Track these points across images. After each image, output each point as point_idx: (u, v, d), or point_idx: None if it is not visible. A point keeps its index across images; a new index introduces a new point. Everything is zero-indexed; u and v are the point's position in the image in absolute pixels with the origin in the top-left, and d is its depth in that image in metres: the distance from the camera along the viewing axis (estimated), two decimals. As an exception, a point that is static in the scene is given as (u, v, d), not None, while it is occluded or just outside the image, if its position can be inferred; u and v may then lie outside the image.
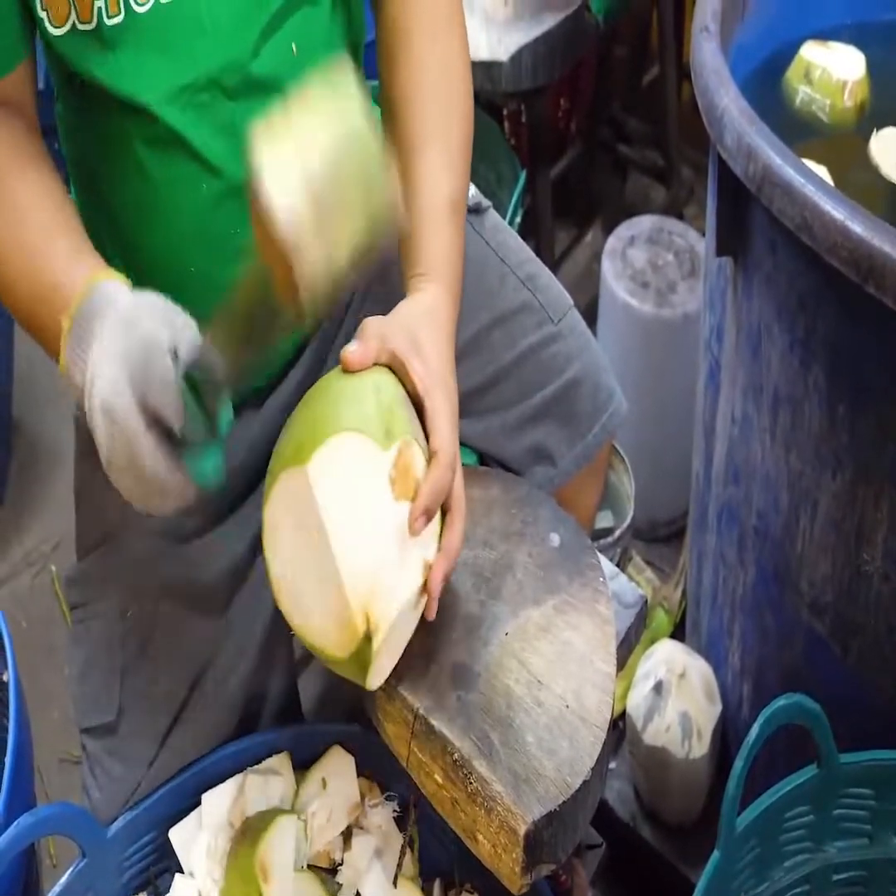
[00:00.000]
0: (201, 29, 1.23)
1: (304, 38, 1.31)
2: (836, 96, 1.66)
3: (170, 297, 1.28)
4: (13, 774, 1.42)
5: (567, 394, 1.57)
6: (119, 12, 1.20)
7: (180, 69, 1.24)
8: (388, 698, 1.26)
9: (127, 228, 1.35)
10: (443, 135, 1.34)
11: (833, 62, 1.67)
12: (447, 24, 1.38)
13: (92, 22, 1.20)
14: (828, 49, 1.69)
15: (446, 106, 1.36)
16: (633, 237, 2.46)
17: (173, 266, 1.36)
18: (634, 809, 1.95)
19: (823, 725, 1.42)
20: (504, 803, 1.15)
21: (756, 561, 1.64)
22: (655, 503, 2.50)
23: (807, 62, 1.68)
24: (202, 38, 1.23)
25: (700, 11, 1.53)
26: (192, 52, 1.24)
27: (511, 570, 1.33)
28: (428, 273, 1.29)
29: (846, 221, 1.21)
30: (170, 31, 1.22)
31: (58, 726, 2.31)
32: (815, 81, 1.67)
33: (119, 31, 1.21)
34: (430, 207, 1.31)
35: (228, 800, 1.46)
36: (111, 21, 1.20)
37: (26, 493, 2.81)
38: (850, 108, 1.68)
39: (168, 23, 1.22)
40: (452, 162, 1.34)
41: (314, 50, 1.33)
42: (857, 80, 1.67)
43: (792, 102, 1.70)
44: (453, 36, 1.38)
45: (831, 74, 1.66)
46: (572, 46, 2.36)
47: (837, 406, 1.39)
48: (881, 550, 1.43)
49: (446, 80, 1.36)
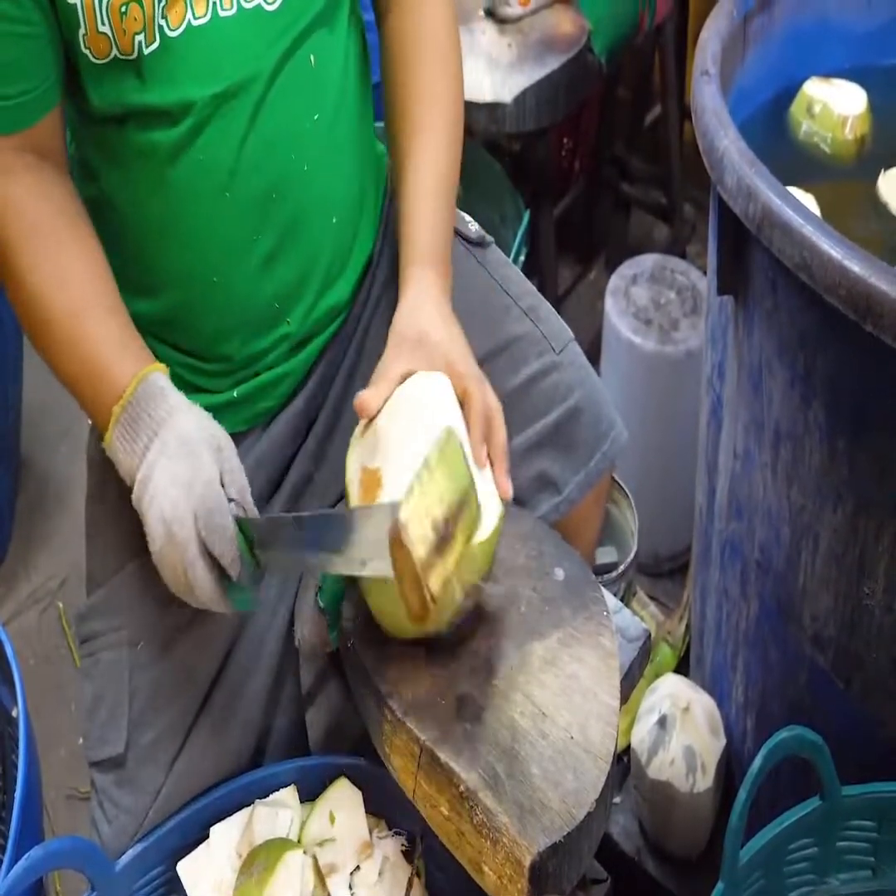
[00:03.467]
0: (228, 51, 1.30)
1: (323, 54, 1.39)
2: (837, 130, 1.70)
3: (192, 310, 1.43)
4: (23, 809, 1.41)
5: (568, 422, 1.59)
6: (154, 40, 1.26)
7: (206, 84, 1.30)
8: (394, 731, 1.27)
9: (146, 252, 1.40)
10: (434, 125, 1.48)
11: (834, 98, 1.71)
12: (440, 30, 1.51)
13: (133, 54, 1.26)
14: (830, 85, 1.73)
15: (435, 98, 1.48)
16: (636, 275, 2.47)
17: (196, 280, 1.41)
18: (639, 844, 1.94)
19: (826, 758, 1.42)
20: (509, 834, 1.16)
21: (759, 595, 1.65)
22: (659, 538, 2.51)
23: (809, 97, 1.72)
24: (228, 58, 1.30)
25: (700, 55, 1.55)
26: (219, 70, 1.30)
27: (516, 603, 1.34)
28: (420, 258, 1.42)
29: (844, 261, 1.23)
30: (199, 52, 1.29)
31: (65, 763, 2.31)
32: (817, 116, 1.71)
33: (154, 57, 1.27)
34: (420, 192, 1.44)
35: (237, 832, 1.46)
36: (148, 49, 1.26)
37: (34, 529, 2.82)
38: (851, 141, 1.71)
39: (198, 44, 1.28)
40: (439, 149, 1.47)
41: (332, 63, 1.42)
42: (857, 115, 1.70)
43: (796, 135, 1.74)
44: (450, 43, 1.52)
45: (832, 110, 1.70)
46: (575, 88, 2.37)
47: (837, 441, 1.40)
48: (882, 583, 1.43)
49: (444, 78, 1.50)
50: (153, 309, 1.44)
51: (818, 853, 1.51)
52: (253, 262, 1.41)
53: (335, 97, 1.42)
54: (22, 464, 2.90)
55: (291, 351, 1.50)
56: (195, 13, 1.27)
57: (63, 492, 2.86)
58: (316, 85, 1.39)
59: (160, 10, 1.24)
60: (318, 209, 1.44)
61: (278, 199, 1.38)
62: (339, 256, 1.50)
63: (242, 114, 1.33)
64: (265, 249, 1.41)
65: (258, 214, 1.38)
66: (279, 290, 1.44)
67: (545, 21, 2.37)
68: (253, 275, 1.42)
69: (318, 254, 1.46)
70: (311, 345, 1.52)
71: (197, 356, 1.48)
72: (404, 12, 1.49)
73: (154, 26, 1.25)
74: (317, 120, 1.40)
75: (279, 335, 1.47)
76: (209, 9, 1.27)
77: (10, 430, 2.75)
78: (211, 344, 1.47)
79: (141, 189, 1.36)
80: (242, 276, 1.41)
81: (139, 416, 1.28)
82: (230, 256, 1.40)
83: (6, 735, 1.62)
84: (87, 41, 1.25)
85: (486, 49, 2.30)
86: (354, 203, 1.51)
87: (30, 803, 1.45)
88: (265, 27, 1.31)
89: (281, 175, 1.38)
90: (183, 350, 1.47)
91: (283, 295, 1.45)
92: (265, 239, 1.40)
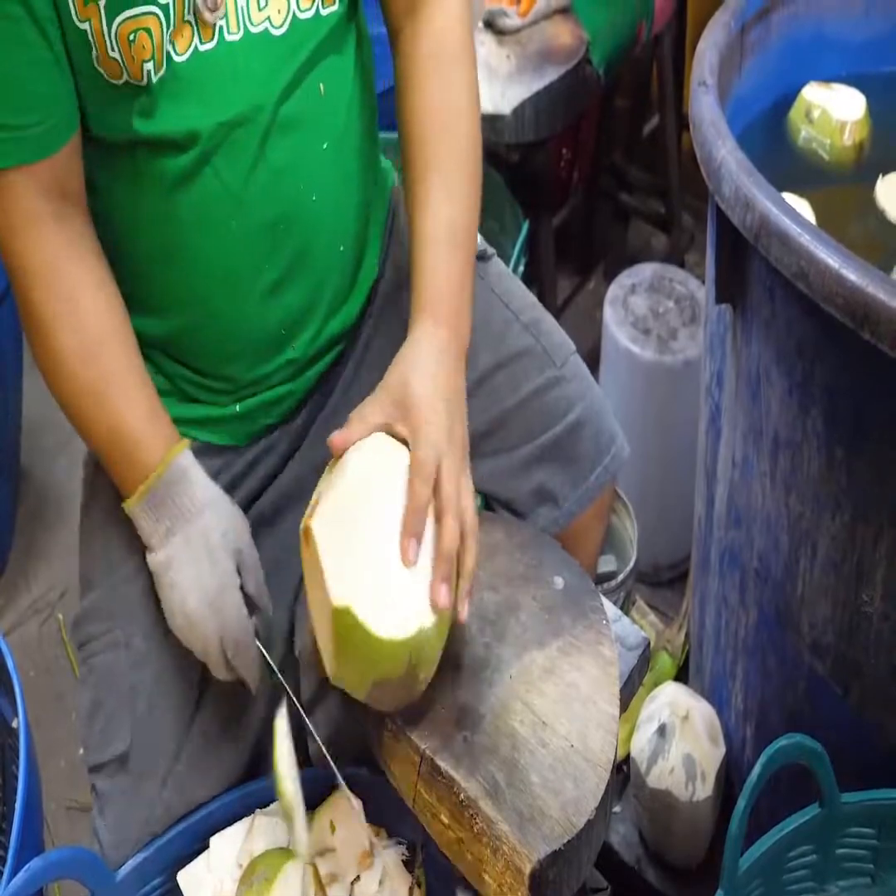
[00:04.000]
0: (235, 76, 1.29)
1: (331, 82, 1.37)
2: (835, 136, 1.71)
3: (197, 333, 1.43)
4: (23, 820, 1.41)
5: (570, 436, 1.60)
6: (163, 67, 1.25)
7: (214, 111, 1.29)
8: (395, 740, 1.27)
9: (152, 274, 1.39)
10: (442, 166, 1.39)
11: (833, 103, 1.71)
12: (453, 60, 1.43)
13: (143, 81, 1.25)
14: (830, 90, 1.73)
15: (446, 138, 1.40)
16: (635, 285, 2.48)
17: (201, 305, 1.41)
18: (639, 852, 1.94)
19: (825, 765, 1.42)
20: (510, 843, 1.16)
21: (757, 603, 1.65)
22: (658, 547, 2.51)
23: (808, 102, 1.73)
24: (236, 84, 1.29)
25: (698, 66, 1.55)
26: (227, 96, 1.29)
27: (516, 612, 1.35)
28: (422, 308, 1.34)
29: (841, 270, 1.23)
30: (206, 77, 1.28)
31: (64, 775, 2.31)
32: (815, 121, 1.72)
33: (161, 83, 1.26)
34: (426, 238, 1.36)
35: (237, 842, 1.46)
36: (157, 76, 1.25)
37: (34, 541, 2.82)
38: (850, 147, 1.72)
39: (205, 70, 1.27)
40: (451, 193, 1.38)
41: (341, 90, 1.40)
42: (856, 120, 1.71)
43: (795, 141, 1.74)
44: (459, 70, 1.43)
45: (831, 115, 1.70)
46: (574, 99, 2.38)
47: (835, 449, 1.41)
48: (880, 590, 1.44)
49: (446, 111, 1.41)
50: (158, 329, 1.44)
51: (818, 860, 1.51)
52: (259, 290, 1.40)
53: (344, 125, 1.41)
54: (22, 476, 2.90)
55: (295, 374, 1.51)
56: (202, 39, 1.26)
57: (63, 503, 2.87)
58: (325, 114, 1.38)
59: (168, 36, 1.24)
60: (325, 238, 1.43)
61: (286, 228, 1.38)
62: (346, 283, 1.50)
63: (250, 143, 1.32)
64: (272, 278, 1.40)
65: (265, 243, 1.38)
66: (285, 318, 1.44)
67: (544, 32, 2.38)
68: (259, 302, 1.41)
69: (324, 282, 1.46)
70: (315, 367, 1.53)
71: (201, 374, 1.48)
72: (417, 36, 1.43)
73: (162, 53, 1.24)
74: (325, 148, 1.39)
75: (284, 360, 1.48)
76: (216, 34, 1.26)
77: (11, 443, 2.75)
78: (215, 366, 1.47)
79: (147, 214, 1.35)
80: (248, 304, 1.41)
81: (163, 503, 1.34)
82: (236, 284, 1.39)
83: (6, 746, 1.62)
84: (99, 62, 1.24)
85: (485, 60, 2.31)
86: (361, 230, 1.50)
87: (30, 814, 1.45)
88: (272, 52, 1.30)
89: (289, 205, 1.37)
90: (187, 367, 1.48)
91: (288, 322, 1.45)
92: (272, 268, 1.40)
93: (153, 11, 1.21)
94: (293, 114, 1.34)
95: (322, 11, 1.33)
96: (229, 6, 1.26)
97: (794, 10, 1.74)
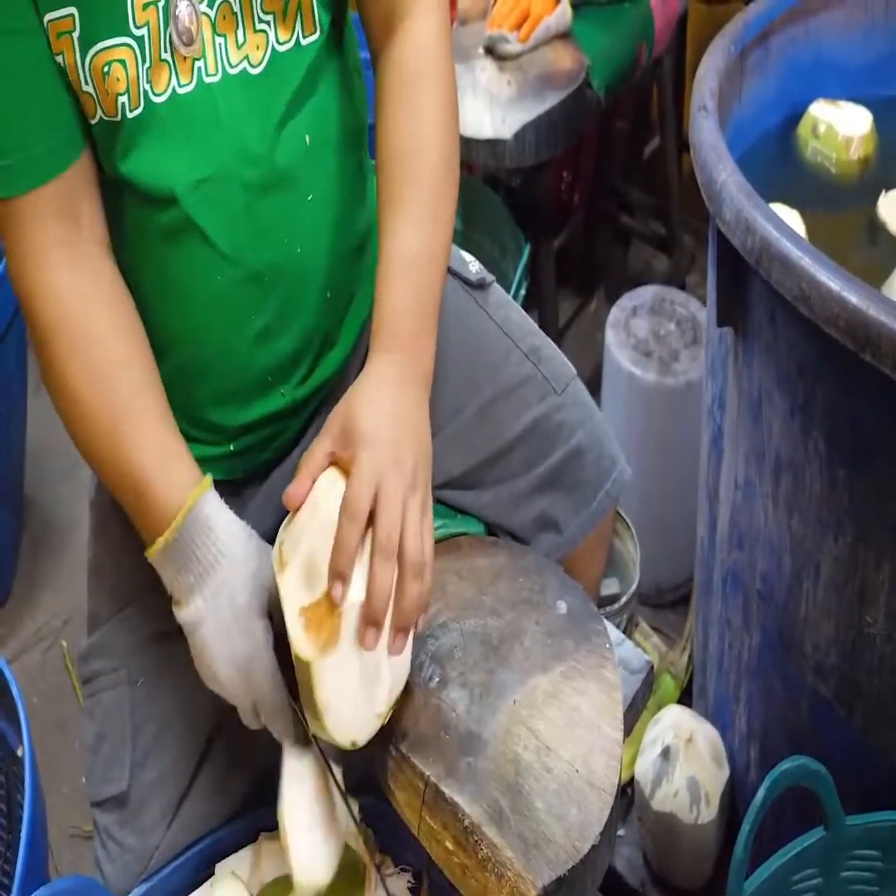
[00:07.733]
0: (217, 119, 1.25)
1: (316, 129, 1.33)
2: (841, 151, 1.74)
3: (188, 375, 1.39)
4: (28, 848, 1.42)
5: (571, 462, 1.59)
6: (139, 105, 1.22)
7: (198, 161, 1.26)
8: (399, 766, 1.27)
9: (148, 310, 1.35)
10: (403, 193, 1.32)
11: (839, 119, 1.74)
12: (424, 81, 1.36)
13: (116, 116, 1.22)
14: (836, 107, 1.76)
15: (409, 165, 1.34)
16: (636, 307, 2.48)
17: (192, 347, 1.39)
18: (644, 876, 1.94)
19: (829, 787, 1.42)
20: (514, 868, 1.16)
21: (761, 625, 1.65)
22: (661, 569, 2.51)
23: (815, 118, 1.76)
24: (218, 128, 1.26)
25: (698, 90, 1.56)
26: (209, 143, 1.26)
27: (519, 637, 1.34)
28: (375, 339, 1.29)
29: (842, 292, 1.23)
30: (187, 121, 1.24)
31: (69, 802, 2.31)
32: (822, 137, 1.75)
33: (138, 123, 1.23)
34: (381, 268, 1.31)
35: (243, 868, 1.45)
36: (132, 114, 1.22)
37: (38, 568, 2.83)
38: (855, 161, 1.74)
39: (185, 113, 1.24)
40: (409, 219, 1.32)
41: (327, 140, 1.36)
42: (861, 136, 1.73)
43: (803, 154, 1.76)
44: (431, 90, 1.36)
45: (836, 131, 1.74)
46: (574, 123, 2.38)
47: (837, 470, 1.41)
48: (883, 612, 1.44)
49: (410, 138, 1.34)
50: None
51: (822, 884, 1.50)
52: (247, 338, 1.38)
53: (330, 174, 1.38)
54: (26, 503, 2.90)
55: (289, 413, 1.49)
56: (180, 80, 1.22)
57: (67, 531, 2.87)
58: (310, 166, 1.35)
59: (145, 73, 1.20)
60: (312, 289, 1.41)
61: (271, 280, 1.35)
62: (334, 328, 1.48)
63: (234, 203, 1.29)
64: (259, 326, 1.38)
65: (252, 296, 1.36)
66: (272, 364, 1.42)
67: (544, 57, 2.39)
68: (247, 349, 1.39)
69: (312, 329, 1.44)
70: (307, 408, 1.51)
71: (194, 416, 1.45)
72: (390, 61, 1.37)
73: (138, 89, 1.21)
74: (310, 200, 1.36)
75: (273, 406, 1.46)
76: (194, 75, 1.23)
77: (15, 470, 2.76)
78: (206, 409, 1.45)
79: (145, 254, 1.33)
80: (239, 349, 1.39)
81: (184, 554, 1.25)
82: (225, 332, 1.37)
83: (11, 774, 1.62)
84: (78, 94, 1.21)
85: (485, 86, 2.31)
86: (351, 273, 1.47)
87: (35, 843, 1.45)
88: (252, 93, 1.26)
89: (274, 257, 1.35)
90: (180, 410, 1.45)
91: (276, 368, 1.43)
92: (259, 318, 1.37)
93: (127, 43, 1.18)
94: (279, 169, 1.30)
95: (302, 41, 1.29)
96: (207, 44, 1.23)
97: (793, 34, 1.75)
